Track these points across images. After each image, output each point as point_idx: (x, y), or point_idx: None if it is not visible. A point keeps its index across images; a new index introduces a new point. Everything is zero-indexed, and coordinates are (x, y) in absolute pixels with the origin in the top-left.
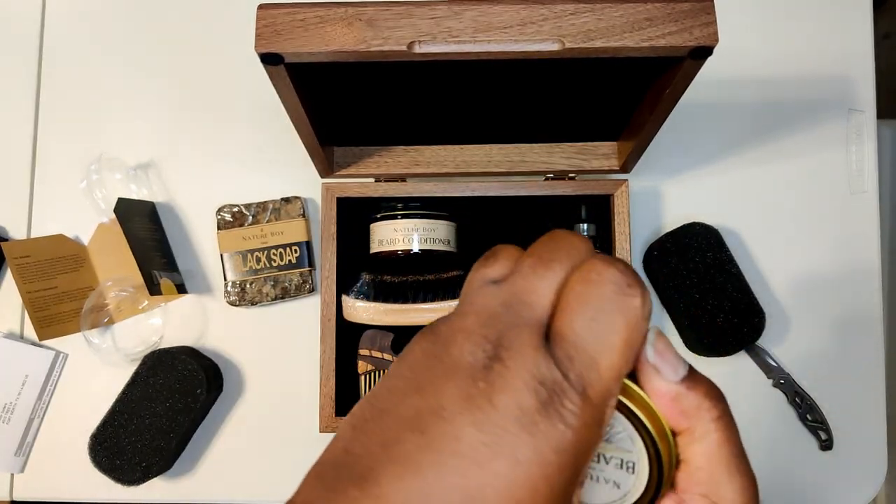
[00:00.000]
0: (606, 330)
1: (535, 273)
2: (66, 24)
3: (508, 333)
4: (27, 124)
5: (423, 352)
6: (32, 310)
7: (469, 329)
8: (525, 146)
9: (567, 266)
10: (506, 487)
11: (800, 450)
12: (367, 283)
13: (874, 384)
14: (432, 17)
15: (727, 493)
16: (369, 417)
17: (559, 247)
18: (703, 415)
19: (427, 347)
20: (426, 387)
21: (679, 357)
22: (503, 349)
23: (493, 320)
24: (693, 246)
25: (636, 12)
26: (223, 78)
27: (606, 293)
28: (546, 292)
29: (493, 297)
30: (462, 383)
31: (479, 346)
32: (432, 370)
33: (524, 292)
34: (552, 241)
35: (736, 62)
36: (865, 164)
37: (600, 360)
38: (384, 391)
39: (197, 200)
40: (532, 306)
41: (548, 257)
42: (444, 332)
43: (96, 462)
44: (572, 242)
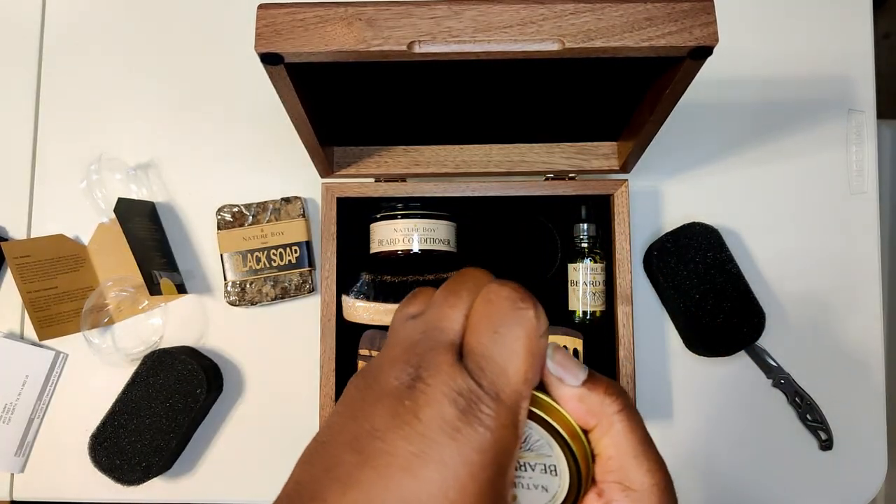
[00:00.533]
0: (509, 340)
1: (446, 302)
2: (66, 24)
3: (427, 356)
4: (27, 124)
5: (355, 388)
6: (32, 310)
7: (393, 358)
8: (525, 146)
9: (473, 294)
10: (438, 490)
11: (800, 450)
12: (367, 283)
13: (874, 384)
14: (432, 17)
15: (637, 476)
16: (314, 450)
17: (465, 279)
18: (606, 409)
19: (359, 383)
20: (359, 414)
21: (577, 364)
22: (423, 370)
23: (414, 347)
24: (693, 246)
25: (636, 12)
26: (223, 78)
27: (504, 309)
28: (456, 318)
29: (412, 328)
30: (390, 404)
31: (403, 370)
32: (364, 399)
33: (437, 320)
34: (459, 276)
35: (736, 62)
36: (865, 165)
37: (507, 367)
38: (325, 427)
39: (197, 200)
40: (445, 331)
41: (455, 289)
42: (373, 366)
43: (96, 462)
44: (475, 275)
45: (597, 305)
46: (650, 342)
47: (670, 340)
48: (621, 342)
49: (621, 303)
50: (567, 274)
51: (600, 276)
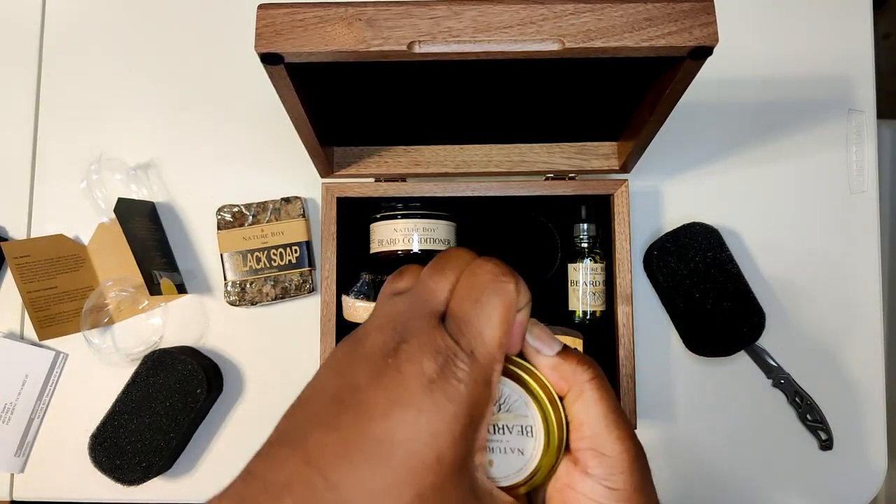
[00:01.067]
0: (487, 308)
1: (431, 278)
2: (66, 24)
3: (411, 323)
4: (27, 124)
5: (342, 351)
6: (32, 310)
7: (380, 325)
8: (525, 146)
9: (457, 270)
10: (413, 432)
11: (800, 450)
12: (367, 283)
13: (874, 384)
14: (432, 17)
15: (608, 442)
16: (297, 404)
17: (450, 257)
18: (578, 377)
19: (345, 347)
20: (343, 371)
21: (553, 338)
22: (407, 333)
23: (400, 316)
24: (693, 246)
25: (636, 12)
26: (223, 78)
27: (486, 281)
28: (441, 290)
29: (399, 302)
30: (374, 363)
31: (388, 335)
32: (349, 360)
33: (423, 292)
34: (445, 255)
35: (736, 62)
36: (865, 164)
37: (484, 331)
38: (309, 385)
39: (197, 200)
40: (429, 302)
41: (441, 265)
42: (359, 333)
43: (96, 462)
44: (460, 254)
45: (597, 305)
46: (650, 342)
47: (670, 340)
48: (621, 342)
49: (621, 303)
50: (567, 274)
51: (600, 276)
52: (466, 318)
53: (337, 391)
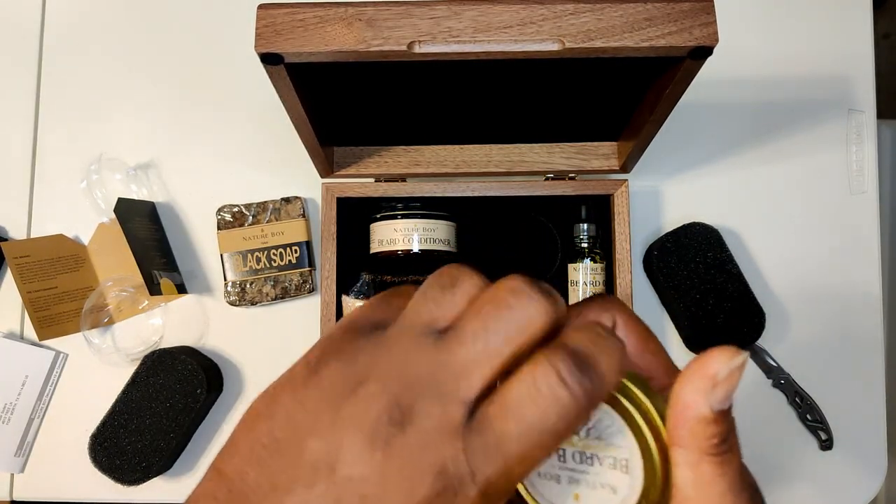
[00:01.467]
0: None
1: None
2: (66, 24)
3: (425, 404)
4: (27, 124)
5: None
6: (32, 310)
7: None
8: (525, 146)
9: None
10: None
11: (800, 450)
12: (367, 283)
13: (874, 384)
14: (432, 17)
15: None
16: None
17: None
18: (703, 444)
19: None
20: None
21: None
22: (414, 418)
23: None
24: (693, 246)
25: (636, 12)
26: (223, 78)
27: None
28: (485, 372)
29: (425, 354)
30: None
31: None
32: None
33: (458, 364)
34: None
35: (736, 62)
36: (865, 164)
37: (515, 468)
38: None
39: (197, 200)
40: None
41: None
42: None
43: (96, 462)
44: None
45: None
46: None
47: (670, 340)
48: None
49: None
50: (567, 274)
51: (600, 276)
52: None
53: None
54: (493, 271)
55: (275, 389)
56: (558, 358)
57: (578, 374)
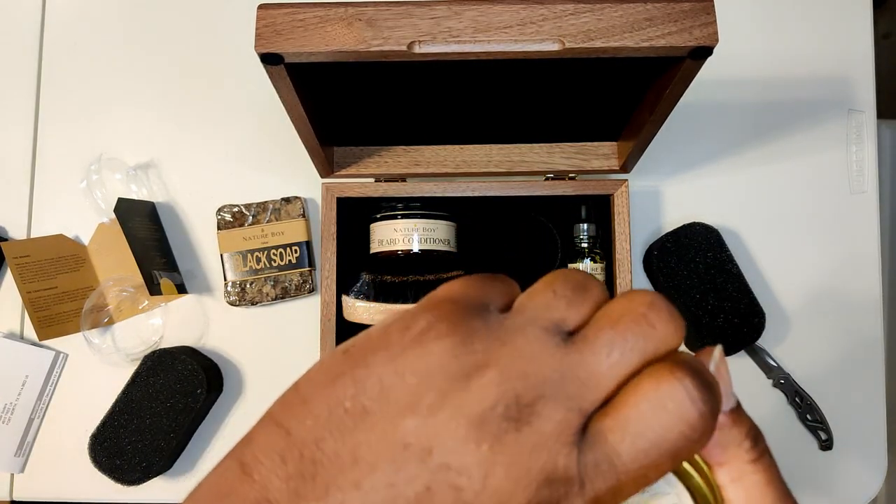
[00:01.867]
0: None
1: (608, 356)
2: (66, 24)
3: (546, 406)
4: (27, 124)
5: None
6: (32, 310)
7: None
8: (525, 146)
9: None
10: None
11: (800, 450)
12: (367, 283)
13: (874, 384)
14: (432, 17)
15: None
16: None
17: (650, 335)
18: (740, 453)
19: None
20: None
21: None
22: (531, 417)
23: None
24: (693, 246)
25: (636, 12)
26: (223, 78)
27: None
28: (610, 384)
29: (552, 355)
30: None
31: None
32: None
33: (586, 373)
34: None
35: (736, 62)
36: (865, 164)
37: (627, 487)
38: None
39: (197, 200)
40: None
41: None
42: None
43: (96, 462)
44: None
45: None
46: None
47: None
48: None
49: None
50: None
51: (600, 276)
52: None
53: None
54: (494, 271)
55: (361, 350)
56: (685, 374)
57: (706, 391)
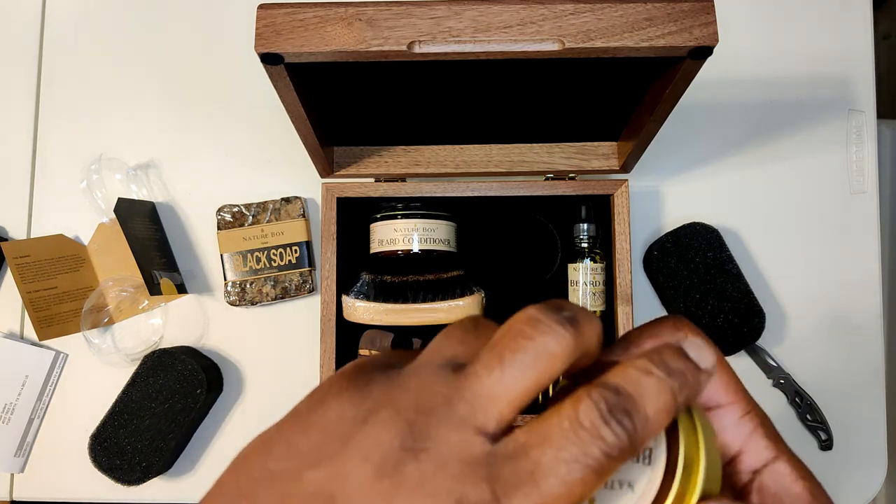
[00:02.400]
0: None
1: (489, 372)
2: (66, 24)
3: (439, 431)
4: (27, 124)
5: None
6: (32, 310)
7: (401, 408)
8: (525, 146)
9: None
10: None
11: (800, 450)
12: (367, 283)
13: (874, 384)
14: (432, 17)
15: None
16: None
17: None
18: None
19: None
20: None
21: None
22: (427, 445)
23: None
24: (693, 246)
25: (636, 12)
26: (223, 78)
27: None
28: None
29: (441, 384)
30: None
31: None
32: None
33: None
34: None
35: (736, 62)
36: (865, 164)
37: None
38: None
39: (197, 200)
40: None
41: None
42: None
43: (96, 462)
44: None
45: (597, 305)
46: None
47: None
48: None
49: (621, 303)
50: (567, 274)
51: (600, 276)
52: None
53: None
54: (494, 271)
55: (272, 428)
56: (600, 395)
57: (620, 415)
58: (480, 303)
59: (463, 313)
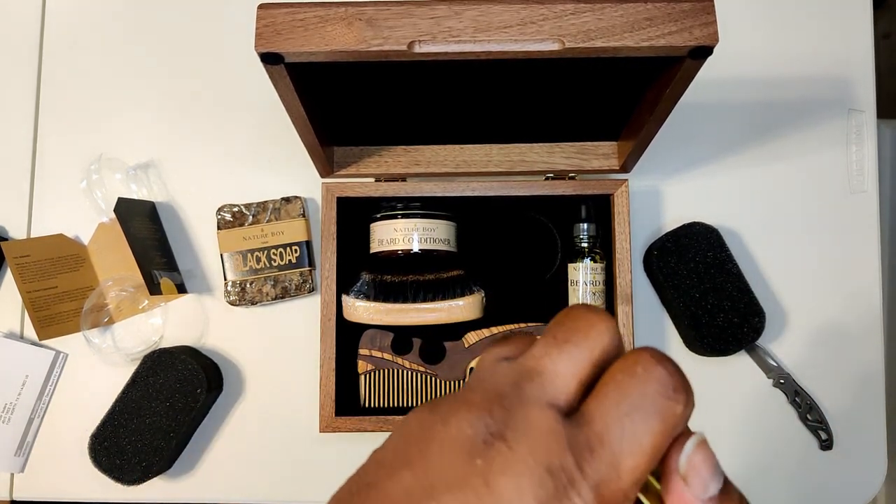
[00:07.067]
0: (640, 430)
1: (549, 356)
2: (66, 24)
3: (516, 413)
4: (27, 124)
5: (419, 423)
6: (32, 310)
7: (473, 402)
8: (525, 146)
9: (586, 349)
10: None
11: (800, 450)
12: (367, 282)
13: (874, 384)
14: (432, 17)
15: None
16: (355, 491)
17: (576, 327)
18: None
19: (425, 418)
20: (417, 461)
21: (715, 472)
22: (509, 428)
23: (501, 398)
24: (693, 246)
25: (636, 12)
26: (223, 78)
27: (649, 392)
28: (561, 376)
29: (503, 375)
30: (457, 459)
31: (481, 419)
32: (427, 443)
33: (534, 373)
34: (568, 319)
35: (736, 62)
36: (865, 164)
37: (623, 460)
38: (373, 464)
39: (197, 200)
40: (542, 388)
41: (562, 338)
42: (447, 404)
43: (96, 462)
44: (591, 322)
45: (597, 305)
46: (650, 342)
47: (670, 340)
48: None
49: (621, 303)
50: (567, 274)
51: (600, 276)
52: (606, 437)
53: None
54: (494, 271)
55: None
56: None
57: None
58: (480, 303)
59: (463, 313)
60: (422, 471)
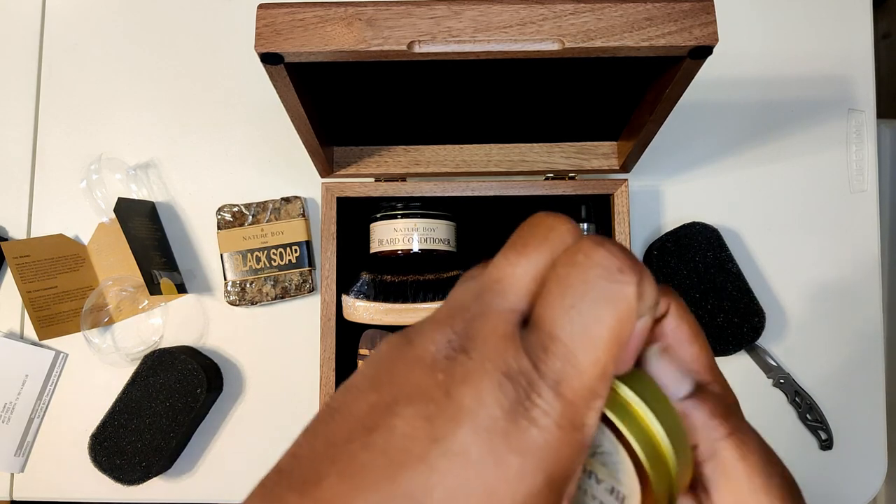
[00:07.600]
0: (589, 320)
1: (507, 260)
2: (66, 24)
3: (475, 323)
4: (27, 124)
5: (388, 347)
6: (32, 310)
7: (437, 319)
8: (525, 146)
9: (545, 251)
10: (456, 489)
11: (800, 450)
12: (367, 282)
13: (874, 384)
14: (432, 17)
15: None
16: (321, 419)
17: (535, 231)
18: (710, 434)
19: (393, 342)
20: (383, 381)
21: (683, 372)
22: (469, 340)
23: (462, 311)
24: (693, 246)
25: (636, 12)
26: (223, 78)
27: (591, 277)
28: (520, 279)
29: (467, 289)
30: (420, 375)
31: (444, 334)
32: (393, 364)
33: (494, 281)
34: (528, 225)
35: (736, 62)
36: (865, 164)
37: (579, 354)
38: (342, 390)
39: (197, 200)
40: (502, 294)
41: (521, 243)
42: (415, 325)
43: (96, 462)
44: (550, 225)
45: None
46: None
47: None
48: None
49: None
50: None
51: None
52: (556, 333)
53: (370, 410)
54: None
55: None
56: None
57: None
58: None
59: None
60: (387, 390)
